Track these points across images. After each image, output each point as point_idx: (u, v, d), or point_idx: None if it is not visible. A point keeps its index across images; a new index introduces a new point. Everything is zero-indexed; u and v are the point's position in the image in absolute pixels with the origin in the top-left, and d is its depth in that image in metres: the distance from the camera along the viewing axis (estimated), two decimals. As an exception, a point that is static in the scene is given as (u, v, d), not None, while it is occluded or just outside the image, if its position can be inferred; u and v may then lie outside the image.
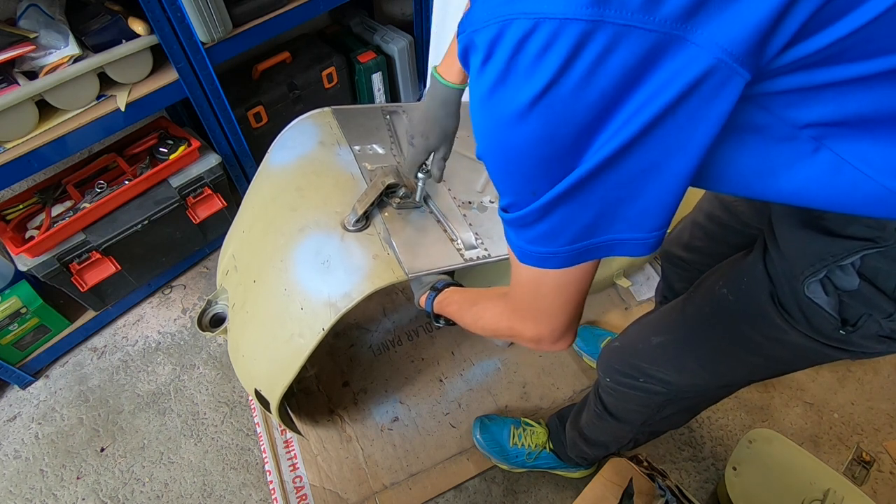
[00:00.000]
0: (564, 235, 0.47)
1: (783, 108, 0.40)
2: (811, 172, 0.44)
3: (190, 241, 1.65)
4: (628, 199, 0.43)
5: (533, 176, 0.43)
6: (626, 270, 1.56)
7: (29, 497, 1.33)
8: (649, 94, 0.36)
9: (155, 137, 1.52)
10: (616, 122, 0.38)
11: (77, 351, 1.60)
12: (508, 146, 0.42)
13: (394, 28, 1.96)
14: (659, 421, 0.94)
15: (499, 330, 0.68)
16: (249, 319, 1.02)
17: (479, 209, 1.07)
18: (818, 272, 0.56)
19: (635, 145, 0.39)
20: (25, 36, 1.12)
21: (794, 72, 0.37)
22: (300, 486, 1.30)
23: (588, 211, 0.44)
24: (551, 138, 0.40)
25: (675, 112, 0.37)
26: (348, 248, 0.93)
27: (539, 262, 0.50)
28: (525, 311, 0.60)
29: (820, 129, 0.41)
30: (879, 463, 1.32)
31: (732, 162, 0.46)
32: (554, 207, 0.44)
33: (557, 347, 0.62)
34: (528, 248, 0.50)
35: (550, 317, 0.57)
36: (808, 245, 0.57)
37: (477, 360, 1.52)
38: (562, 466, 1.26)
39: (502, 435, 1.29)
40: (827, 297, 0.57)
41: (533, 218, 0.46)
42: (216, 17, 1.29)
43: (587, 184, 0.42)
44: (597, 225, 0.45)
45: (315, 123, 1.17)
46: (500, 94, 0.40)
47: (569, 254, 0.48)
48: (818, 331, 0.60)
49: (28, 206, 1.39)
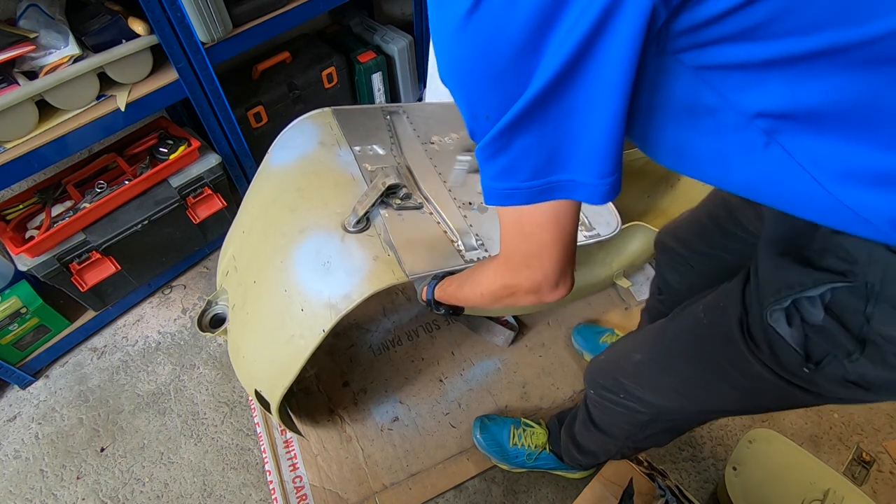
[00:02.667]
0: (523, 170, 0.48)
1: (731, 90, 0.41)
2: (762, 167, 0.44)
3: (190, 241, 1.64)
4: (575, 134, 0.44)
5: (484, 97, 0.45)
6: (626, 270, 1.56)
7: (29, 497, 1.33)
8: (577, 14, 0.37)
9: (155, 137, 1.52)
10: (553, 43, 0.39)
11: (77, 351, 1.60)
12: (455, 59, 0.44)
13: (394, 28, 1.96)
14: (642, 439, 0.93)
15: (496, 292, 0.68)
16: (249, 320, 1.02)
17: (480, 210, 1.07)
18: (783, 300, 0.55)
19: (573, 71, 0.40)
20: (25, 36, 1.12)
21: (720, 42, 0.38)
22: (300, 486, 1.30)
23: (543, 144, 0.45)
24: (493, 52, 0.41)
25: (598, 36, 0.38)
26: (349, 250, 0.93)
27: (503, 198, 0.51)
28: (516, 261, 0.60)
29: (771, 120, 0.41)
30: (879, 463, 1.32)
31: (689, 143, 0.47)
32: (509, 137, 0.46)
33: (557, 294, 0.62)
34: (493, 185, 0.51)
35: (541, 259, 0.57)
36: (778, 272, 0.56)
37: (477, 360, 1.52)
38: (562, 467, 1.26)
39: (502, 435, 1.29)
40: (790, 329, 0.55)
41: (492, 149, 0.48)
42: (216, 17, 1.29)
43: (534, 112, 0.43)
44: (551, 161, 0.47)
45: (315, 124, 1.17)
46: (444, 6, 0.42)
47: (531, 190, 0.49)
48: (782, 365, 0.58)
49: (28, 206, 1.39)
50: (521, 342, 1.55)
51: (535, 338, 1.56)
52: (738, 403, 0.71)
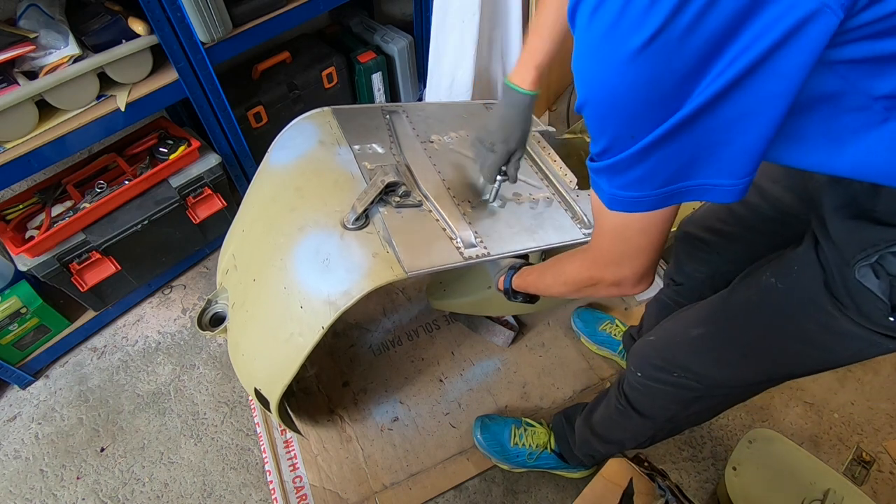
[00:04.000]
0: (657, 179, 0.49)
1: (862, 79, 0.42)
2: (877, 141, 0.46)
3: (190, 241, 1.65)
4: (723, 143, 0.45)
5: (635, 120, 0.45)
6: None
7: (29, 497, 1.33)
8: (753, 37, 0.38)
9: (155, 137, 1.52)
10: (720, 65, 0.40)
11: (77, 351, 1.60)
12: (615, 91, 0.44)
13: (394, 28, 1.96)
14: (684, 418, 0.95)
15: (579, 282, 0.73)
16: (249, 318, 1.02)
17: (479, 208, 1.07)
18: (870, 256, 0.58)
19: (736, 88, 0.41)
20: (25, 36, 1.12)
21: (871, 38, 0.39)
22: (300, 486, 1.30)
23: (683, 154, 0.46)
24: (658, 81, 0.42)
25: (774, 54, 0.39)
26: (348, 247, 0.93)
27: (629, 206, 0.53)
28: (608, 258, 0.64)
29: (893, 100, 0.43)
30: (879, 463, 1.32)
31: (799, 130, 0.48)
32: (651, 151, 0.46)
33: (638, 290, 0.66)
34: (619, 194, 0.52)
35: (633, 259, 0.61)
36: (860, 233, 0.59)
37: (477, 360, 1.52)
38: (562, 467, 1.26)
39: (503, 435, 1.29)
40: (878, 281, 0.58)
41: (629, 163, 0.48)
42: (216, 17, 1.29)
43: (686, 127, 0.44)
44: (689, 169, 0.48)
45: (315, 123, 1.17)
46: (612, 39, 0.42)
47: (659, 196, 0.50)
48: (867, 317, 0.61)
49: (28, 206, 1.39)
50: (521, 342, 1.55)
51: (535, 338, 1.56)
52: (811, 362, 0.74)
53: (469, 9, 1.47)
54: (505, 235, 1.04)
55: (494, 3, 1.56)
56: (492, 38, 1.65)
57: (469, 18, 1.48)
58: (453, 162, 1.16)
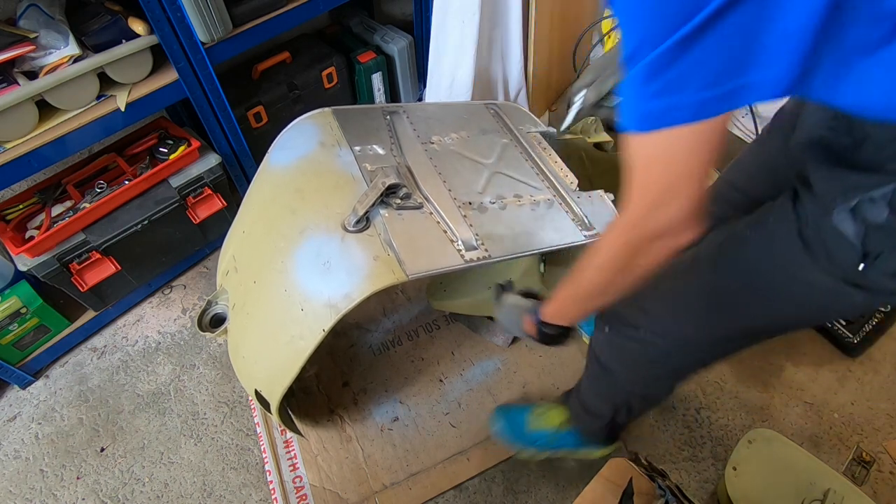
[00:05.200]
0: (696, 80, 0.45)
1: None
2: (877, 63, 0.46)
3: (190, 241, 1.65)
4: (765, 31, 0.43)
5: (666, 9, 0.43)
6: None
7: (29, 497, 1.33)
8: None
9: (155, 137, 1.52)
10: None
11: (77, 351, 1.60)
12: None
13: (394, 28, 1.96)
14: (651, 381, 0.95)
15: (618, 254, 0.64)
16: (250, 320, 1.02)
17: (480, 210, 1.07)
18: (849, 200, 0.58)
19: None
20: (25, 36, 1.12)
21: None
22: (300, 486, 1.30)
23: (723, 48, 0.44)
24: None
25: None
26: (349, 249, 0.93)
27: (659, 118, 0.48)
28: (648, 201, 0.56)
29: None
30: (879, 463, 1.32)
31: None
32: (689, 44, 0.43)
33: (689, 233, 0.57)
34: (653, 105, 0.48)
35: (678, 192, 0.54)
36: (843, 180, 0.60)
37: (477, 360, 1.52)
38: (584, 444, 1.25)
39: (521, 419, 1.28)
40: (853, 225, 0.59)
41: (664, 60, 0.45)
42: (216, 17, 1.29)
43: (725, 12, 0.42)
44: (730, 65, 0.45)
45: (315, 124, 1.17)
46: None
47: (700, 103, 0.46)
48: (839, 265, 0.62)
49: (28, 206, 1.39)
50: (521, 342, 1.55)
51: (535, 338, 1.56)
52: (778, 316, 0.73)
53: (469, 9, 1.46)
54: (506, 237, 1.04)
55: (494, 3, 1.55)
56: (492, 38, 1.64)
57: (469, 18, 1.48)
58: (454, 163, 1.15)
